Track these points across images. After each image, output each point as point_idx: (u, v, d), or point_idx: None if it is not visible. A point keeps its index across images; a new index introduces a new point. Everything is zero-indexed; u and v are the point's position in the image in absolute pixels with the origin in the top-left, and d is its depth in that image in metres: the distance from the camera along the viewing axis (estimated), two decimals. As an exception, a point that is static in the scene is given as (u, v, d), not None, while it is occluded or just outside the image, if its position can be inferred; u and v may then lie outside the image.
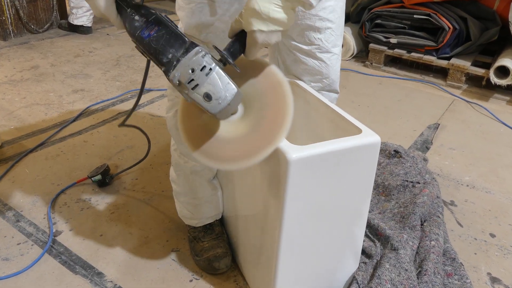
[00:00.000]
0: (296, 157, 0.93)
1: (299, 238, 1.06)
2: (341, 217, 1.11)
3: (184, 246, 1.46)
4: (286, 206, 0.98)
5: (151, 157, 1.92)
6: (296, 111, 1.31)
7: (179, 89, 0.85)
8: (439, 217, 1.51)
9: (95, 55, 3.12)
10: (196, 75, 0.82)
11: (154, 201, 1.67)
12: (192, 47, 0.84)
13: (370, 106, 2.55)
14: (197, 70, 0.82)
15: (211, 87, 0.83)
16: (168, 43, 0.85)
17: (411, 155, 1.81)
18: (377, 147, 1.04)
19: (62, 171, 1.83)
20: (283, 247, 1.04)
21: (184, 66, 0.83)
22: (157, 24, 0.87)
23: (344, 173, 1.03)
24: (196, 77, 0.82)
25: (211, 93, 0.83)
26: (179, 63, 0.83)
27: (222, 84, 0.83)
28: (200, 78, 0.82)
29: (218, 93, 0.83)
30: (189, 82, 0.82)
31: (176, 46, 0.85)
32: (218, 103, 0.83)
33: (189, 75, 0.82)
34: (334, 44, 1.23)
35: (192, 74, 0.82)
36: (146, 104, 2.41)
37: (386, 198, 1.63)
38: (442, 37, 2.80)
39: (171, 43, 0.85)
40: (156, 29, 0.86)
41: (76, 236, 1.49)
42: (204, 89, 0.83)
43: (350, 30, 3.17)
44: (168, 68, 0.84)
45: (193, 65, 0.82)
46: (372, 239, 1.43)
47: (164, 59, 0.85)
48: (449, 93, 2.76)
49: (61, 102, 2.40)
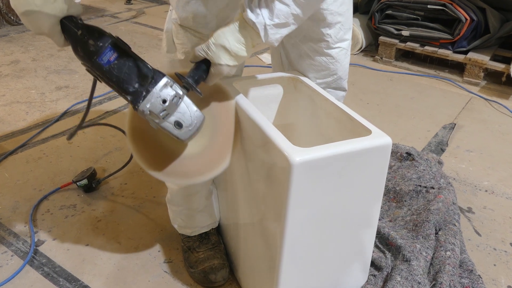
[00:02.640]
0: (300, 160, 0.93)
1: (303, 248, 1.06)
2: (348, 225, 1.12)
3: (178, 257, 1.46)
4: (289, 214, 0.99)
5: (142, 160, 1.93)
6: (300, 110, 1.32)
7: (147, 118, 0.92)
8: (455, 225, 1.51)
9: (81, 48, 3.12)
10: (168, 106, 0.91)
11: (144, 208, 1.68)
12: (159, 77, 0.91)
13: (380, 105, 2.55)
14: (168, 101, 0.91)
15: (181, 116, 0.93)
16: (132, 72, 0.91)
17: (425, 158, 1.82)
18: (388, 149, 1.04)
19: (44, 175, 1.83)
20: (285, 258, 1.05)
21: (155, 97, 0.90)
22: (115, 49, 0.91)
23: (352, 177, 1.03)
24: (167, 107, 0.91)
25: (181, 121, 0.93)
26: (149, 94, 0.90)
27: (191, 111, 0.94)
28: (171, 107, 0.91)
29: (188, 120, 0.93)
30: (161, 113, 0.91)
31: (141, 74, 0.91)
32: (189, 129, 0.94)
33: (161, 106, 0.90)
34: (343, 38, 1.24)
35: (163, 105, 0.90)
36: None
37: (398, 204, 1.64)
38: (459, 29, 2.81)
39: (135, 72, 0.91)
40: (115, 56, 0.91)
41: (59, 246, 1.50)
42: (174, 117, 0.92)
43: (358, 21, 3.18)
44: (136, 99, 0.90)
45: (164, 96, 0.90)
46: (382, 249, 1.43)
47: (130, 89, 0.90)
48: (466, 90, 2.77)
49: (44, 100, 2.40)
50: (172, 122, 0.92)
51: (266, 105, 1.31)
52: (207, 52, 0.98)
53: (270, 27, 0.97)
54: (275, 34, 0.98)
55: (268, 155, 1.02)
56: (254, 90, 1.28)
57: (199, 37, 1.15)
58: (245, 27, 0.97)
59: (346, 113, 1.12)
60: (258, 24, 0.96)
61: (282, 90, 1.32)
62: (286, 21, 0.98)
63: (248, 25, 0.97)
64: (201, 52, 0.99)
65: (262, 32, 0.97)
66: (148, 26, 3.72)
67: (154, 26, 3.71)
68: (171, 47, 1.21)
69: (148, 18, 3.92)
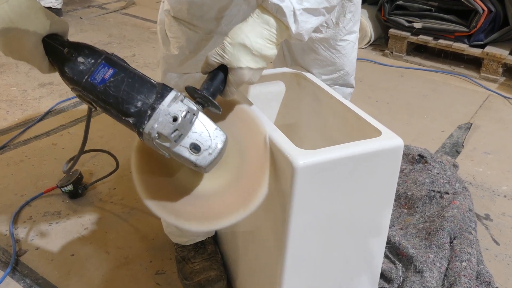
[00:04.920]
0: (304, 164, 0.94)
1: (307, 259, 1.07)
2: (356, 234, 1.12)
3: (171, 268, 1.46)
4: (292, 221, 0.99)
5: (132, 162, 1.93)
6: (304, 108, 1.32)
7: (155, 144, 0.80)
8: (472, 234, 1.51)
9: (66, 42, 3.12)
10: (180, 124, 0.79)
11: (135, 215, 1.68)
12: (167, 91, 0.81)
13: (390, 103, 2.56)
14: (180, 118, 0.79)
15: (197, 136, 0.81)
16: (132, 89, 0.81)
17: (439, 161, 1.82)
18: (399, 152, 1.04)
19: (26, 179, 1.83)
20: (287, 269, 1.05)
21: (163, 115, 0.79)
22: (111, 65, 0.83)
23: (360, 182, 1.03)
24: (180, 126, 0.79)
25: (199, 143, 0.81)
26: (155, 111, 0.79)
27: (209, 130, 0.82)
28: (184, 126, 0.80)
29: (207, 142, 0.81)
30: (172, 134, 0.79)
31: (144, 91, 0.81)
32: (209, 153, 0.81)
33: (171, 125, 0.79)
34: (352, 30, 1.24)
35: (175, 123, 0.79)
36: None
37: (409, 211, 1.64)
38: (475, 21, 2.81)
39: (136, 88, 0.81)
40: (111, 72, 0.82)
41: (43, 255, 1.50)
42: (189, 139, 0.81)
43: (366, 13, 3.18)
44: (139, 120, 0.80)
45: (175, 112, 0.79)
46: (393, 259, 1.43)
47: (131, 109, 0.80)
48: (483, 87, 2.77)
49: (26, 98, 2.40)
50: (187, 145, 0.80)
51: (267, 104, 1.31)
52: (223, 56, 0.87)
53: (300, 12, 0.86)
54: (306, 23, 0.88)
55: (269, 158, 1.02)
56: (254, 87, 1.28)
57: (194, 31, 1.13)
58: (268, 18, 0.87)
59: (353, 112, 1.12)
60: (285, 8, 0.85)
61: (284, 88, 1.32)
62: (317, 6, 0.88)
63: (271, 15, 0.86)
64: (215, 57, 0.88)
65: (290, 19, 0.86)
66: (139, 17, 3.72)
67: (146, 17, 3.71)
68: (165, 40, 1.20)
69: (139, 9, 3.92)
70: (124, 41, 3.24)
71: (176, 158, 0.82)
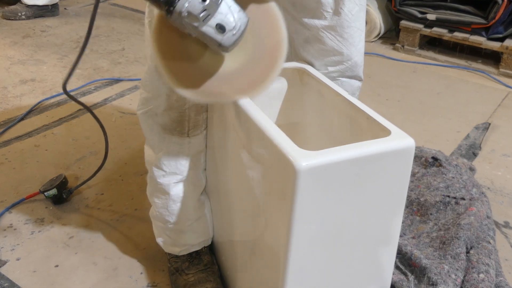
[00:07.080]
0: (307, 166, 0.94)
1: (311, 269, 1.07)
2: (364, 243, 1.12)
3: (163, 280, 1.47)
4: (294, 229, 0.99)
5: (121, 165, 1.93)
6: (307, 107, 1.32)
7: (184, 22, 0.91)
8: (490, 243, 1.51)
9: (49, 35, 3.13)
10: (208, 5, 0.90)
11: (124, 223, 1.68)
12: None
13: (401, 101, 2.56)
14: None
15: (223, 17, 0.92)
16: None
17: (454, 164, 1.82)
18: (410, 153, 1.04)
19: (7, 184, 1.83)
20: (290, 281, 1.05)
21: None
22: None
23: (368, 186, 1.03)
24: (208, 6, 0.90)
25: (224, 24, 0.92)
26: None
27: (233, 12, 0.93)
28: (211, 7, 0.90)
29: (231, 23, 0.93)
30: (201, 13, 0.90)
31: None
32: (233, 34, 0.93)
33: (200, 5, 0.89)
34: (358, 16, 1.24)
35: (204, 3, 0.89)
36: (114, 98, 2.42)
37: (422, 218, 1.64)
38: (494, 12, 2.82)
39: None
40: None
41: (25, 267, 1.50)
42: (216, 20, 0.91)
43: (375, 3, 3.19)
44: None
45: None
46: (404, 271, 1.43)
47: None
48: (502, 84, 2.77)
49: (6, 96, 2.40)
50: (214, 25, 0.92)
51: (268, 102, 1.32)
52: None
53: None
54: None
55: (269, 160, 1.02)
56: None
57: None
58: None
59: (361, 111, 1.12)
60: None
61: (285, 84, 1.32)
62: None
63: None
64: None
65: None
66: (128, 8, 3.73)
67: (136, 8, 3.72)
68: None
69: (128, -1, 3.94)
70: (112, 33, 3.24)
71: (201, 37, 0.94)
